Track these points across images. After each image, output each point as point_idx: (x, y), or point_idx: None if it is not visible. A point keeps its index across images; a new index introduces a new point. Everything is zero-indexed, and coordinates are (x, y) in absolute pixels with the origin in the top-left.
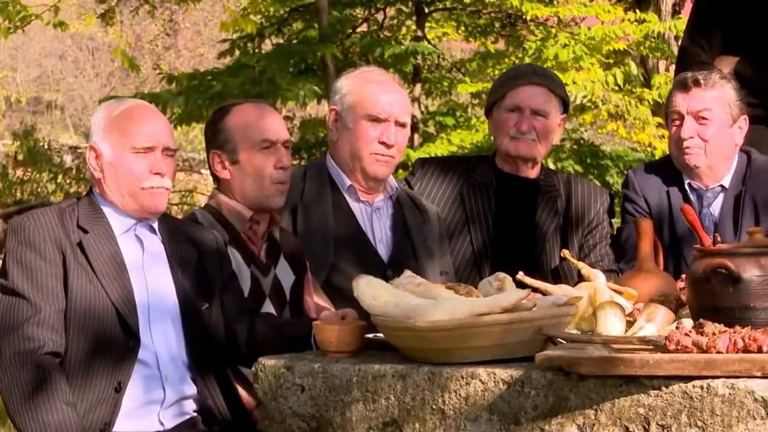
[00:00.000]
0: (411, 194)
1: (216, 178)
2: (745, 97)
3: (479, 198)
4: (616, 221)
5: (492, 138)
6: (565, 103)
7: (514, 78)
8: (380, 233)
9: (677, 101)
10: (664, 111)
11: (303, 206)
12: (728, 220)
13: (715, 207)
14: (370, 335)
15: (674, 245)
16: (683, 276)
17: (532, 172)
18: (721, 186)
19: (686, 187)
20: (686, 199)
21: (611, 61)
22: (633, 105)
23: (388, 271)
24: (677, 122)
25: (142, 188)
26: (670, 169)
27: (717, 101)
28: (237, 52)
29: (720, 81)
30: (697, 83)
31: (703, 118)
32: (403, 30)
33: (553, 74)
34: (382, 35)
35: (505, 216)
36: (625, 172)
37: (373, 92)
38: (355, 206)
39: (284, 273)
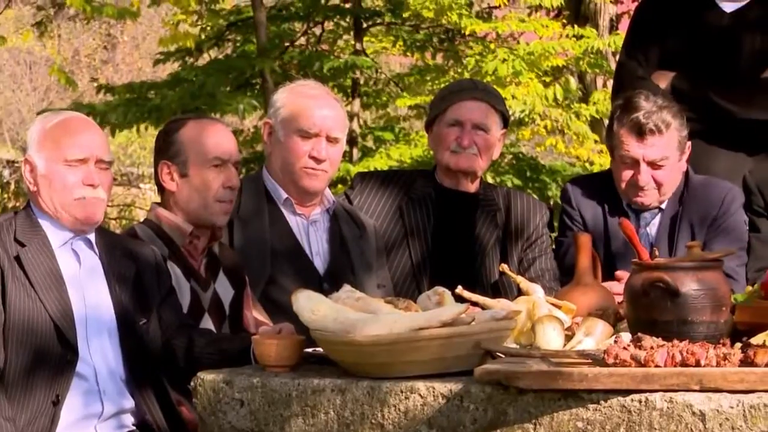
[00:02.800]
0: (348, 208)
1: (161, 190)
2: (685, 118)
3: (418, 212)
4: (555, 235)
5: (432, 152)
6: (505, 119)
7: (456, 92)
8: (317, 246)
9: (631, 147)
10: (610, 141)
11: (240, 220)
12: (664, 239)
13: (653, 227)
14: (309, 349)
15: (609, 260)
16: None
17: (472, 187)
18: (659, 208)
19: (625, 207)
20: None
21: (548, 79)
22: (572, 120)
23: (324, 284)
24: (629, 165)
25: (75, 199)
26: (609, 186)
27: (671, 146)
28: (173, 63)
29: (671, 120)
30: (652, 132)
31: (660, 165)
32: (341, 44)
33: (494, 90)
34: (319, 49)
35: (444, 230)
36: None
37: (305, 107)
38: (291, 219)
39: (223, 288)
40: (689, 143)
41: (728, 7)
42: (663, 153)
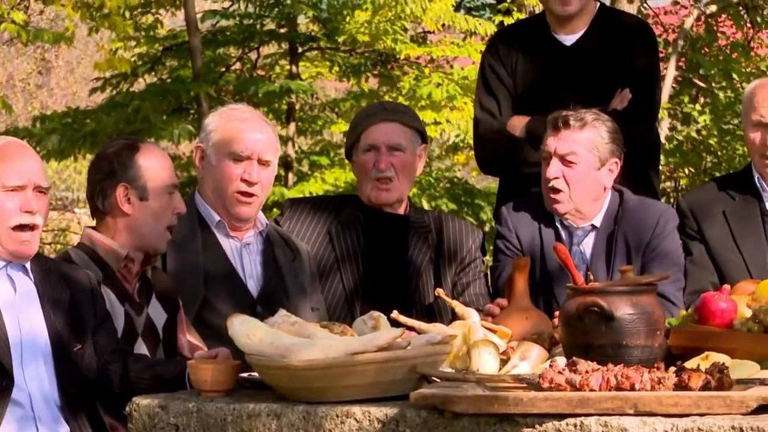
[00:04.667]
0: (281, 231)
1: (98, 214)
2: (620, 140)
3: (348, 236)
4: (488, 259)
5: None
6: (421, 134)
7: (365, 118)
8: (250, 269)
9: (548, 141)
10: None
11: (172, 244)
12: (600, 259)
13: (586, 245)
14: (245, 374)
15: (545, 283)
16: (556, 314)
17: (401, 208)
18: (592, 225)
19: (557, 224)
20: (557, 237)
21: None
22: None
23: (258, 307)
24: (546, 161)
25: (12, 227)
26: (543, 206)
27: (584, 144)
28: (109, 90)
29: (592, 122)
30: (566, 124)
31: (570, 161)
32: (277, 69)
33: (404, 107)
34: (255, 74)
35: (376, 253)
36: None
37: (237, 130)
38: (224, 242)
39: (157, 312)
40: (616, 161)
41: (567, 41)
42: (572, 147)
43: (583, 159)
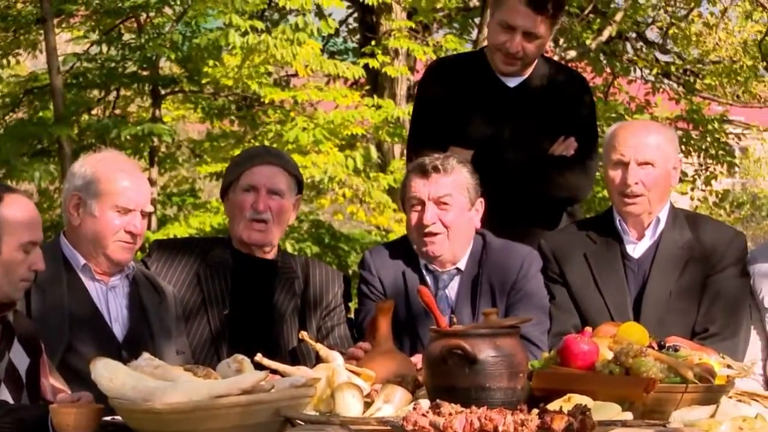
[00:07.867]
0: (147, 274)
1: None
2: (477, 179)
3: (216, 279)
4: (353, 304)
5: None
6: (299, 183)
7: (249, 159)
8: (116, 312)
9: (417, 187)
10: (401, 196)
11: (37, 287)
12: (465, 303)
13: (451, 289)
14: (108, 418)
15: (410, 326)
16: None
17: (270, 254)
18: (457, 269)
19: (422, 268)
20: (422, 281)
21: (344, 142)
22: (374, 188)
23: (123, 351)
24: (417, 208)
25: None
26: (407, 250)
27: (456, 186)
28: None
29: (457, 165)
30: (436, 169)
31: (444, 204)
32: (141, 111)
33: (286, 155)
34: (115, 114)
35: (242, 297)
36: (363, 254)
37: (119, 181)
38: (90, 285)
39: (19, 356)
40: (481, 200)
41: (511, 82)
42: (447, 190)
43: (457, 201)
